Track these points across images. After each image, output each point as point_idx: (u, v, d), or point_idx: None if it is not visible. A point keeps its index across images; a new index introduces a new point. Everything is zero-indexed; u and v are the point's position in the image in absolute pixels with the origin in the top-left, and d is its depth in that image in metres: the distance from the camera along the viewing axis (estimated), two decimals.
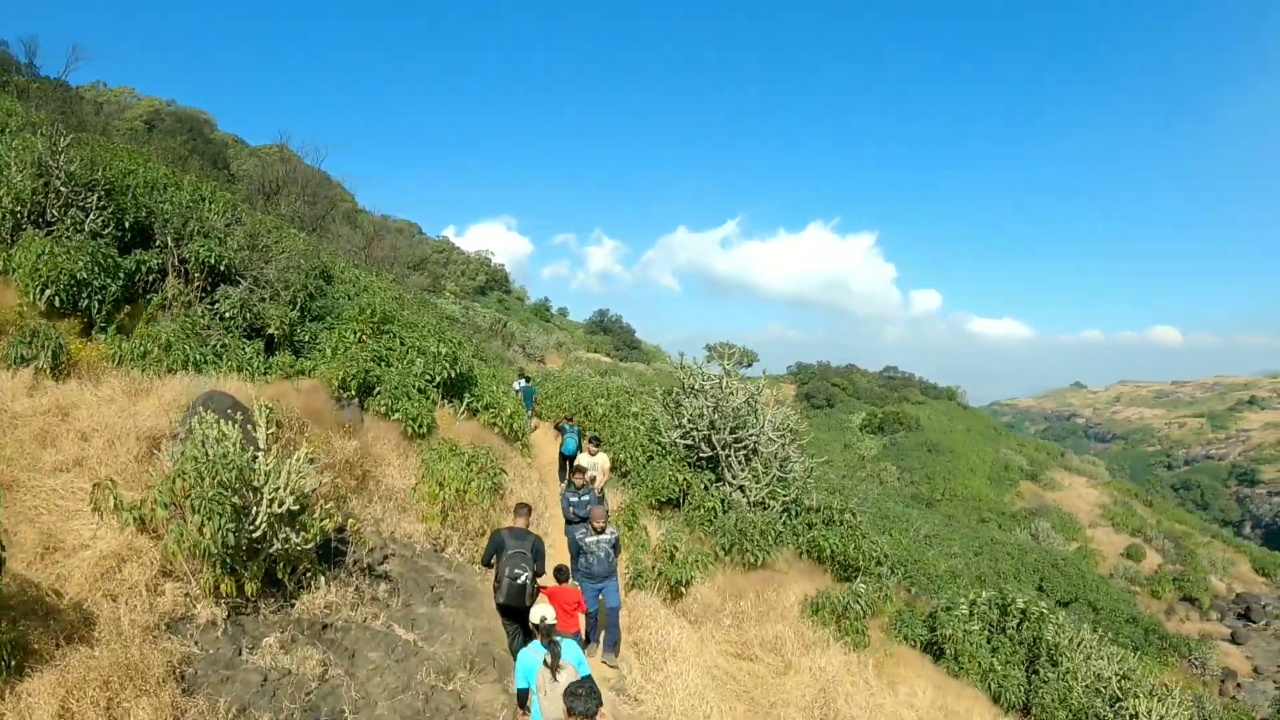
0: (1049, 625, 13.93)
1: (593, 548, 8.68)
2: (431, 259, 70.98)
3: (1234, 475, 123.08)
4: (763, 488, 13.37)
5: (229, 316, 13.98)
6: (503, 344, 47.75)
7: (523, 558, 7.37)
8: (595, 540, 8.68)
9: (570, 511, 10.31)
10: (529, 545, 7.53)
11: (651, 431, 15.35)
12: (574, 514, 10.21)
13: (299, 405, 10.86)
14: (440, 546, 10.01)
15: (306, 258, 16.53)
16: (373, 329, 13.80)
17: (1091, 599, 37.38)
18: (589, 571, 8.69)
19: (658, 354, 74.62)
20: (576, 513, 10.17)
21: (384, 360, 13.27)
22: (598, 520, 8.70)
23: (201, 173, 26.42)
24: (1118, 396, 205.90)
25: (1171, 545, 57.76)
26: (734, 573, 11.72)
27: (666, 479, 13.32)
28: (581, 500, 10.30)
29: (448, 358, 13.41)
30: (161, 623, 6.40)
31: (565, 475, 15.92)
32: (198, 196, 17.42)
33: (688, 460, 14.22)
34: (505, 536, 7.60)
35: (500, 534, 7.68)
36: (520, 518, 7.97)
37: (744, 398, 13.78)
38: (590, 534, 8.71)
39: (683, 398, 14.41)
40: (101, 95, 53.96)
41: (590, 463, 12.20)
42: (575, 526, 9.66)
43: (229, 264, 14.63)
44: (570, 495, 10.48)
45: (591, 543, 8.69)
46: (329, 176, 68.88)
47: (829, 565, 13.45)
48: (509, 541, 7.52)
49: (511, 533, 7.68)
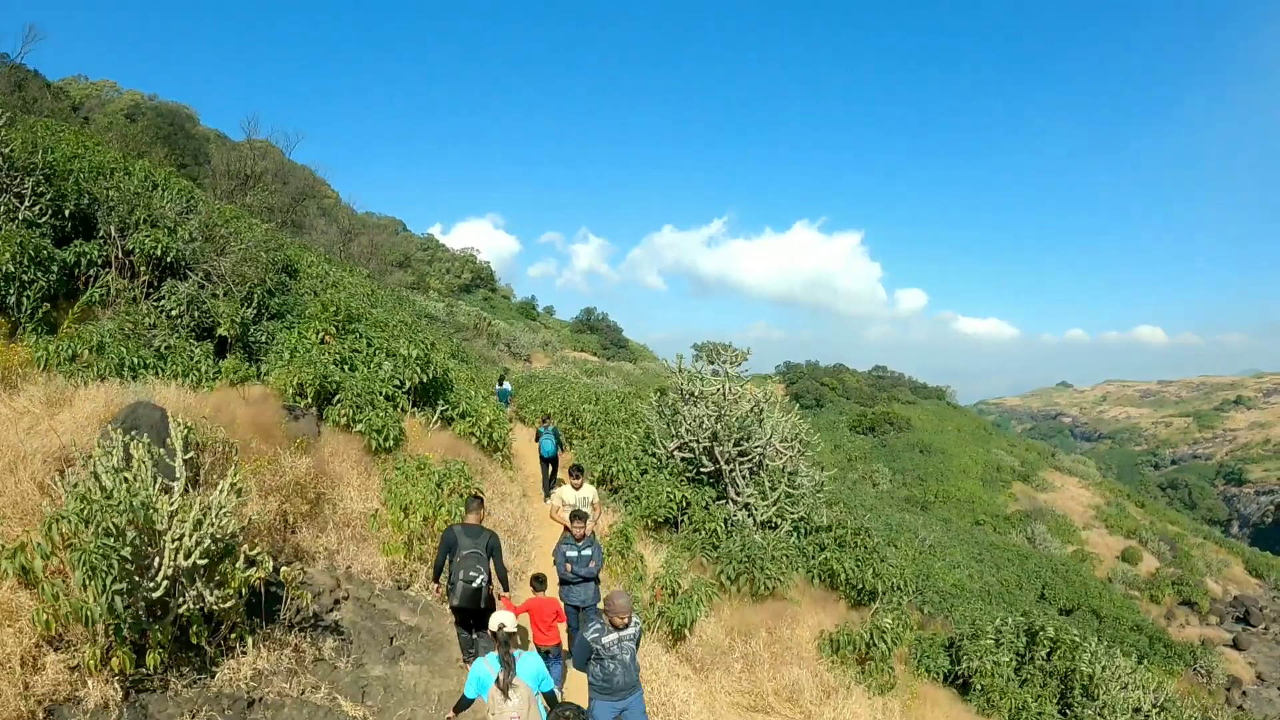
0: (1083, 655, 12.68)
1: (613, 650, 6.12)
2: (416, 256, 69.59)
3: (1221, 475, 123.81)
4: (770, 505, 12.03)
5: (175, 315, 12.52)
6: (488, 343, 46.40)
7: (477, 558, 6.90)
8: (616, 640, 6.12)
9: (568, 569, 8.02)
10: (484, 543, 7.05)
11: (645, 442, 13.98)
12: (573, 573, 8.02)
13: (244, 417, 9.42)
14: (405, 583, 8.61)
15: (268, 250, 15.04)
16: (336, 328, 12.37)
17: (1094, 606, 36.39)
18: (608, 685, 6.15)
19: (645, 353, 73.25)
20: (576, 571, 8.01)
21: (348, 364, 11.85)
22: (619, 615, 6.11)
23: (165, 160, 24.81)
24: (1104, 396, 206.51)
25: (1167, 547, 57.25)
26: (741, 605, 10.37)
27: (663, 496, 11.94)
28: (582, 556, 8.03)
29: (419, 361, 11.98)
30: (39, 708, 5.00)
31: (547, 482, 14.59)
32: (150, 183, 15.92)
33: (686, 475, 12.84)
34: (458, 534, 7.10)
35: (452, 531, 7.17)
36: (473, 513, 7.40)
37: (749, 405, 12.40)
38: (608, 631, 6.11)
39: (680, 405, 13.02)
40: (82, 89, 52.28)
41: (578, 498, 9.61)
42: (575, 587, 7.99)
43: (178, 256, 13.16)
44: (567, 549, 8.07)
45: (611, 644, 6.10)
46: (313, 172, 67.51)
47: (843, 591, 12.14)
48: (462, 539, 7.02)
49: (465, 530, 7.16)
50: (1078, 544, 53.81)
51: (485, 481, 11.64)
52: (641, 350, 73.81)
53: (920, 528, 32.78)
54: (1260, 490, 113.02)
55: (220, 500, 6.09)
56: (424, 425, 12.02)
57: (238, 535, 6.20)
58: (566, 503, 9.49)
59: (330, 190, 67.31)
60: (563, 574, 8.00)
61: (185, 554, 5.47)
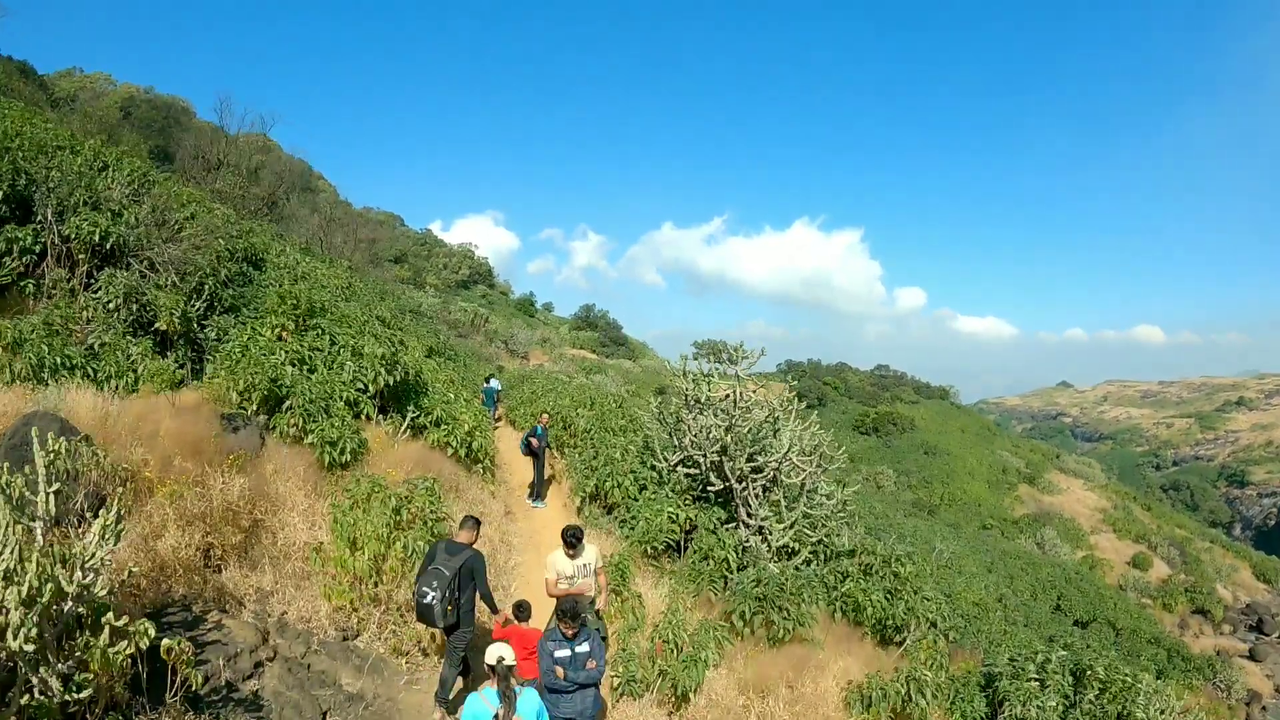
0: (1138, 697, 11.18)
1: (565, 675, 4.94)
2: (412, 252, 68.24)
3: (1223, 476, 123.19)
4: (787, 529, 10.52)
5: (113, 308, 11.03)
6: (485, 340, 45.02)
7: (437, 575, 6.47)
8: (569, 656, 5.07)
9: (558, 675, 5.95)
10: (459, 563, 6.59)
11: (644, 453, 12.45)
12: (566, 679, 5.97)
13: (170, 430, 7.92)
14: (352, 631, 7.10)
15: (226, 237, 13.52)
16: (296, 323, 10.86)
17: (1111, 618, 35.02)
18: None
19: (644, 351, 71.69)
20: (571, 678, 5.95)
21: (307, 364, 10.34)
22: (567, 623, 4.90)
23: (136, 144, 23.20)
24: (1105, 396, 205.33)
25: (1176, 553, 56.20)
26: (757, 651, 8.85)
27: (665, 519, 10.42)
28: (577, 655, 5.98)
29: (383, 360, 10.42)
30: None
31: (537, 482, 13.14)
32: (98, 164, 14.40)
33: (691, 492, 11.32)
34: (439, 549, 6.76)
35: (436, 545, 6.86)
36: (464, 530, 6.92)
37: (764, 414, 10.87)
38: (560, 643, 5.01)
39: (684, 413, 11.49)
40: (76, 81, 50.78)
41: (575, 567, 7.20)
42: (567, 696, 5.97)
43: (119, 242, 11.66)
44: (556, 647, 6.03)
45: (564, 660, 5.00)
46: (309, 165, 66.12)
47: (869, 626, 10.64)
48: (439, 555, 6.67)
49: (447, 546, 6.80)
50: (1087, 549, 52.58)
51: (459, 501, 10.13)
52: (641, 348, 72.31)
53: (933, 537, 31.29)
54: (1263, 492, 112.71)
55: (89, 550, 4.61)
56: (391, 434, 10.51)
57: (106, 595, 4.69)
58: (562, 573, 7.16)
59: (326, 184, 65.97)
60: (551, 682, 5.94)
61: (14, 632, 3.98)
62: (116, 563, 5.56)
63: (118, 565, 5.15)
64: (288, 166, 56.22)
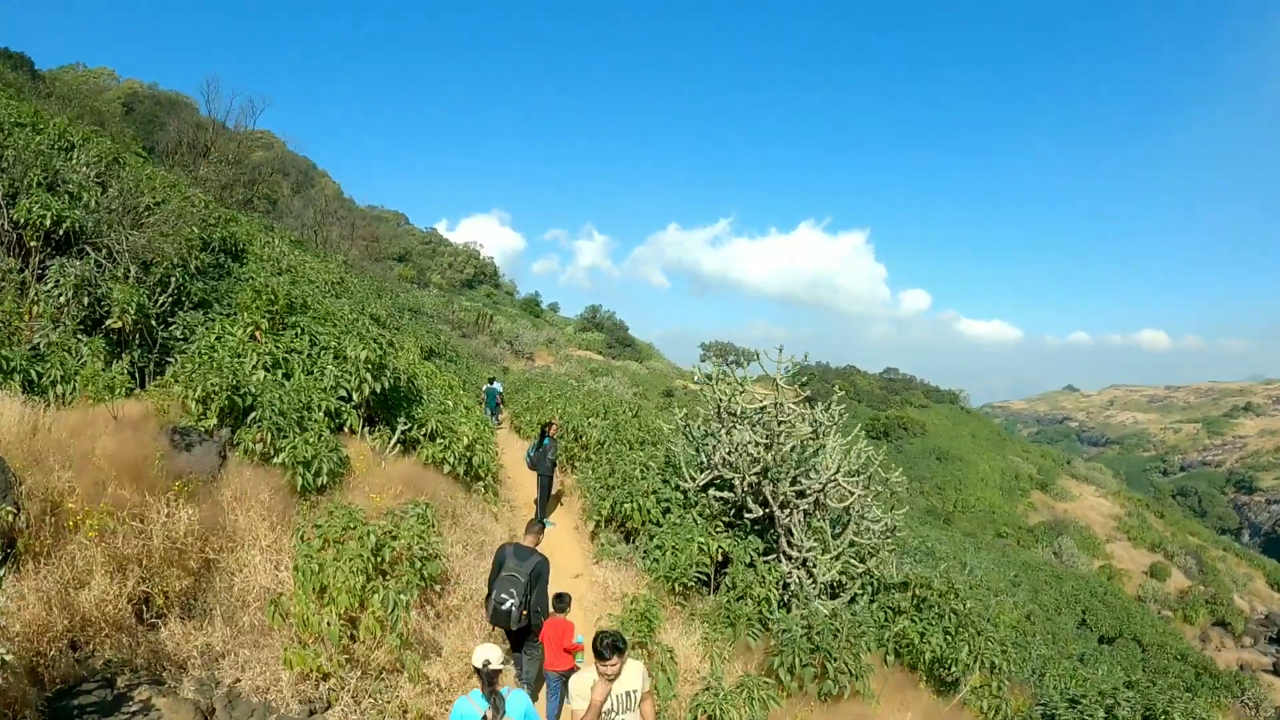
0: None
1: None
2: (417, 250, 67.14)
3: (1231, 482, 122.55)
4: (833, 561, 9.11)
5: (64, 301, 9.67)
6: (489, 340, 43.83)
7: (513, 581, 6.52)
8: None
9: None
10: (529, 567, 6.62)
11: (666, 469, 11.02)
12: None
13: (108, 448, 6.55)
14: (321, 704, 5.72)
15: (201, 224, 12.15)
16: (271, 321, 9.49)
17: (1137, 633, 33.62)
18: None
19: (651, 352, 70.21)
20: None
21: (281, 367, 8.96)
22: None
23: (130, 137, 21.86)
24: (1111, 400, 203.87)
25: (1193, 562, 55.03)
26: (806, 709, 7.45)
27: (694, 549, 8.99)
28: None
29: (369, 365, 9.02)
30: None
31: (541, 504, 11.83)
32: (64, 143, 13.06)
33: (723, 517, 9.88)
34: (508, 554, 6.79)
35: (504, 550, 6.88)
36: (530, 534, 7.01)
37: (808, 428, 9.44)
38: None
39: (715, 425, 10.06)
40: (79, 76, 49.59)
41: (616, 698, 4.60)
42: None
43: (74, 227, 10.31)
44: None
45: None
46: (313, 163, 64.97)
47: (924, 670, 9.24)
48: (509, 560, 6.69)
49: (515, 550, 6.82)
50: (1104, 558, 51.26)
51: (457, 528, 8.73)
52: (648, 349, 70.87)
53: (960, 551, 29.87)
54: (1271, 499, 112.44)
55: None
56: (379, 449, 9.12)
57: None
58: (593, 700, 4.47)
59: (330, 180, 64.93)
60: None
61: None
62: None
63: None
64: (290, 162, 55.01)
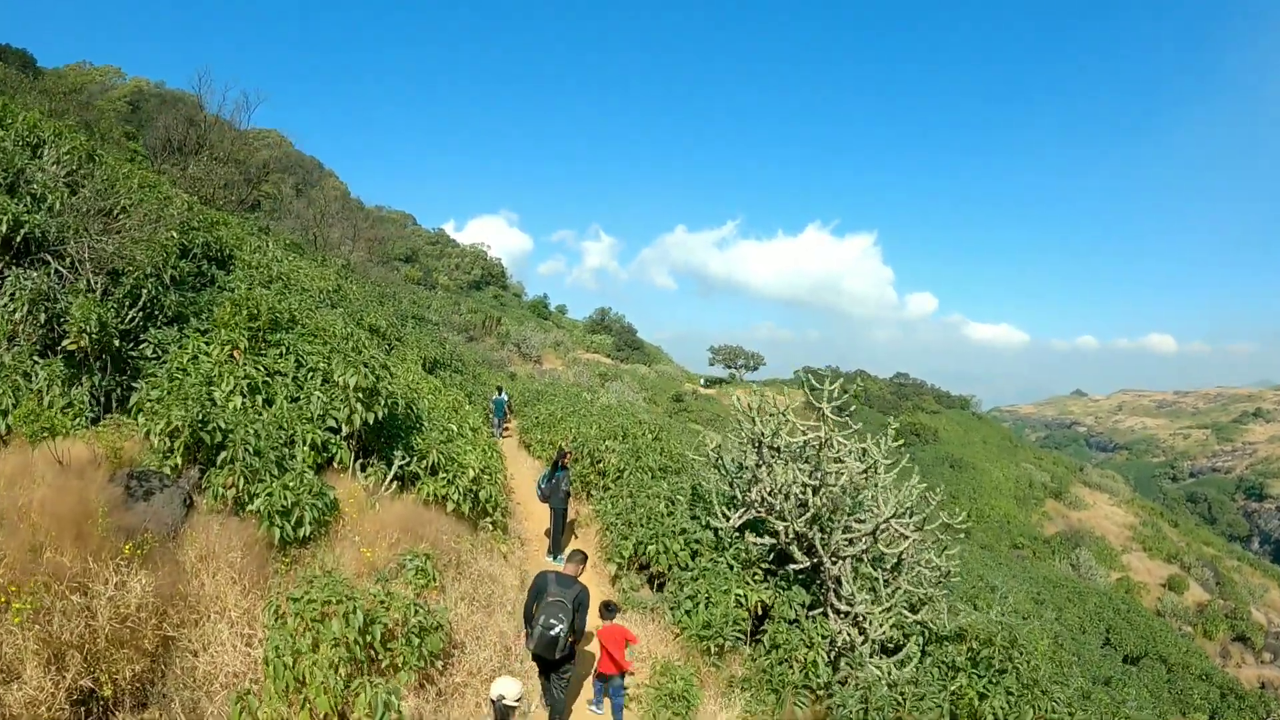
0: None
1: None
2: (424, 251, 66.23)
3: (1241, 489, 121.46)
4: (887, 614, 8.00)
5: (18, 318, 8.60)
6: (496, 343, 42.76)
7: (560, 607, 6.38)
8: None
9: None
10: (572, 595, 6.48)
11: (694, 503, 9.88)
12: None
13: (47, 500, 5.48)
14: None
15: (182, 229, 11.08)
16: (251, 339, 8.40)
17: (1162, 653, 32.41)
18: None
19: (659, 355, 69.08)
20: None
21: (261, 393, 7.88)
22: None
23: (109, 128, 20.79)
24: (1119, 405, 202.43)
25: (1210, 574, 53.97)
26: None
27: (731, 602, 7.89)
28: None
29: (360, 391, 7.90)
30: None
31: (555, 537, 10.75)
32: (33, 139, 12.00)
33: (762, 563, 8.69)
34: (549, 580, 6.61)
35: (544, 577, 6.71)
36: (572, 564, 6.85)
37: (859, 465, 8.29)
38: None
39: (751, 457, 8.90)
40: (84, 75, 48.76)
41: None
42: None
43: (35, 233, 9.25)
44: None
45: None
46: (320, 163, 64.13)
47: None
48: (552, 587, 6.52)
49: (558, 578, 6.65)
50: (1120, 570, 50.04)
51: (462, 580, 7.63)
52: (656, 352, 69.74)
53: (981, 569, 28.66)
54: None
55: None
56: (372, 489, 8.00)
57: None
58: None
59: (337, 181, 64.16)
60: None
61: None
62: None
63: None
64: (297, 161, 54.08)
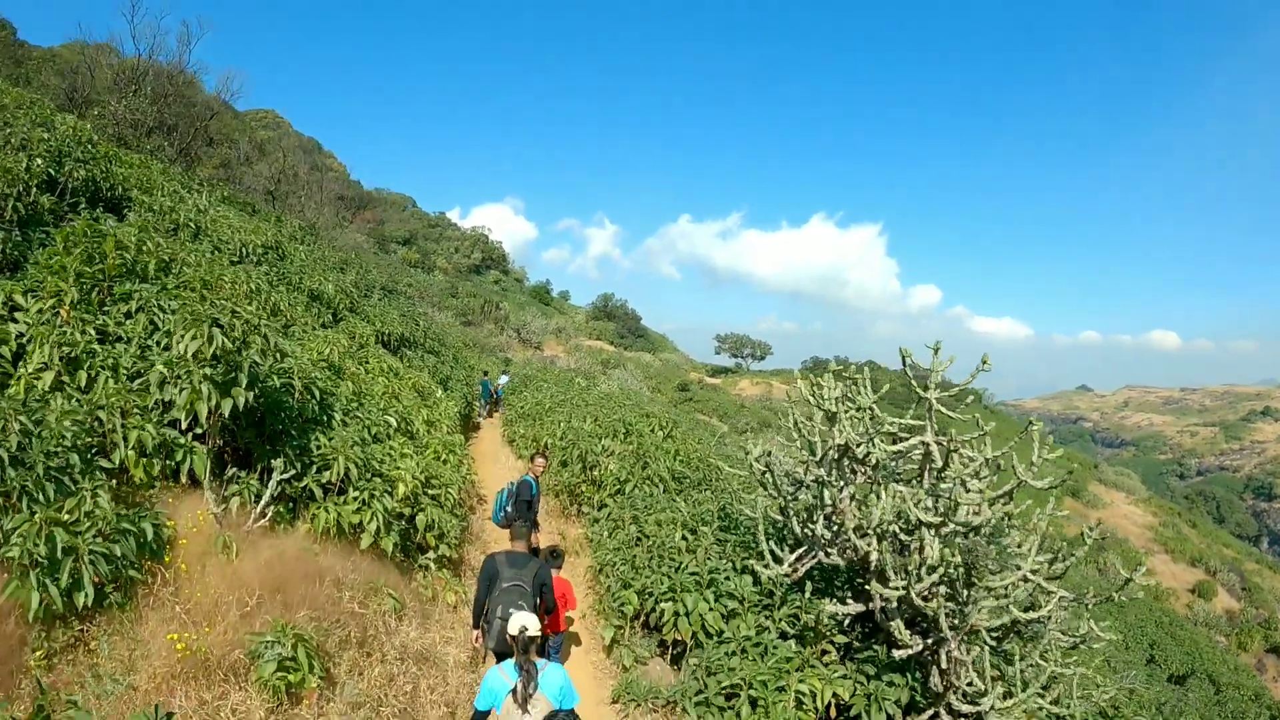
0: None
1: None
2: (422, 234, 63.91)
3: (1250, 488, 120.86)
4: (1020, 708, 5.26)
5: None
6: (495, 328, 40.60)
7: (520, 592, 5.35)
8: None
9: None
10: (530, 575, 5.48)
11: (728, 536, 7.03)
12: None
13: None
14: None
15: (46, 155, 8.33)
16: (95, 290, 5.67)
17: (1210, 672, 29.82)
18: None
19: (664, 343, 66.54)
20: None
21: (84, 367, 5.16)
22: None
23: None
24: (1125, 401, 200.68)
25: (1236, 578, 51.91)
26: None
27: (789, 703, 5.04)
28: None
29: (208, 365, 4.99)
30: None
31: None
32: None
33: (831, 634, 5.76)
34: (500, 563, 5.58)
35: (493, 560, 5.64)
36: (520, 539, 5.79)
37: (992, 507, 5.40)
38: None
39: (813, 473, 6.02)
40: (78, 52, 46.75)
41: None
42: None
43: None
44: None
45: None
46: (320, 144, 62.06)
47: None
48: (504, 570, 5.53)
49: (509, 558, 5.64)
50: (1148, 574, 47.68)
51: (370, 665, 4.92)
52: (661, 340, 67.32)
53: None
54: None
55: None
56: (238, 515, 5.19)
57: None
58: None
59: (337, 162, 62.39)
60: None
61: None
62: None
63: None
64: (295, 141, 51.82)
